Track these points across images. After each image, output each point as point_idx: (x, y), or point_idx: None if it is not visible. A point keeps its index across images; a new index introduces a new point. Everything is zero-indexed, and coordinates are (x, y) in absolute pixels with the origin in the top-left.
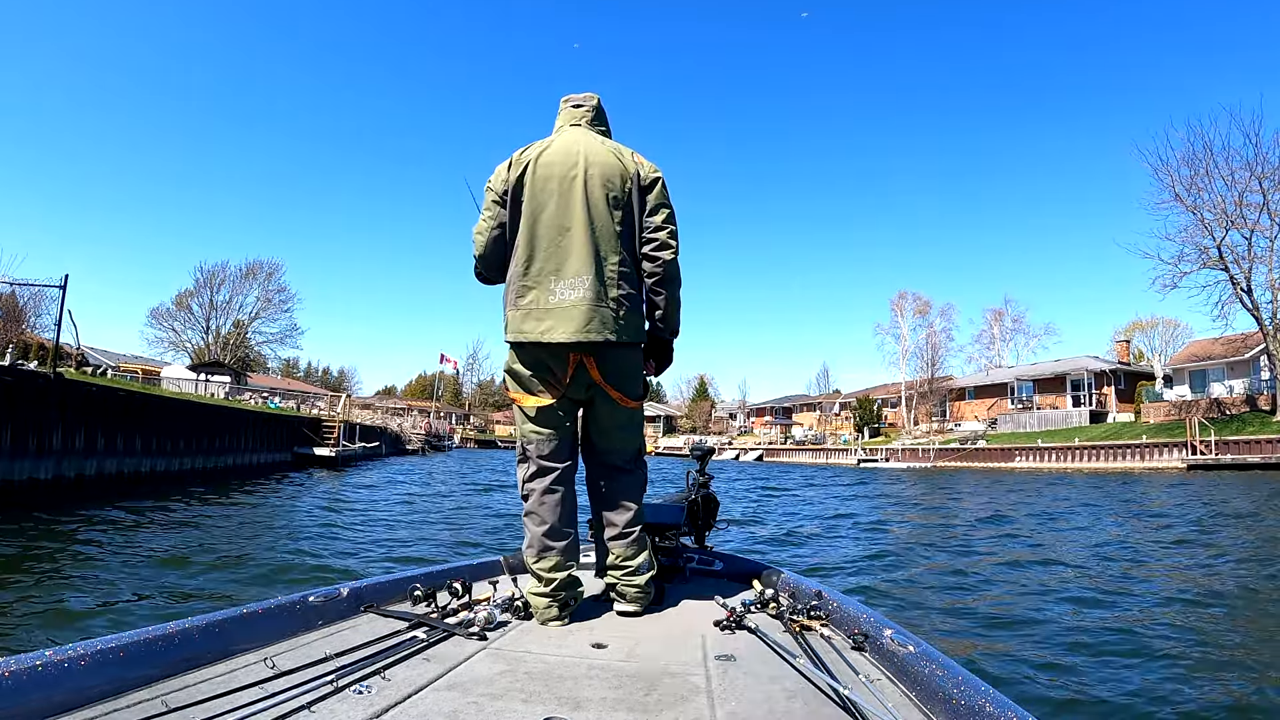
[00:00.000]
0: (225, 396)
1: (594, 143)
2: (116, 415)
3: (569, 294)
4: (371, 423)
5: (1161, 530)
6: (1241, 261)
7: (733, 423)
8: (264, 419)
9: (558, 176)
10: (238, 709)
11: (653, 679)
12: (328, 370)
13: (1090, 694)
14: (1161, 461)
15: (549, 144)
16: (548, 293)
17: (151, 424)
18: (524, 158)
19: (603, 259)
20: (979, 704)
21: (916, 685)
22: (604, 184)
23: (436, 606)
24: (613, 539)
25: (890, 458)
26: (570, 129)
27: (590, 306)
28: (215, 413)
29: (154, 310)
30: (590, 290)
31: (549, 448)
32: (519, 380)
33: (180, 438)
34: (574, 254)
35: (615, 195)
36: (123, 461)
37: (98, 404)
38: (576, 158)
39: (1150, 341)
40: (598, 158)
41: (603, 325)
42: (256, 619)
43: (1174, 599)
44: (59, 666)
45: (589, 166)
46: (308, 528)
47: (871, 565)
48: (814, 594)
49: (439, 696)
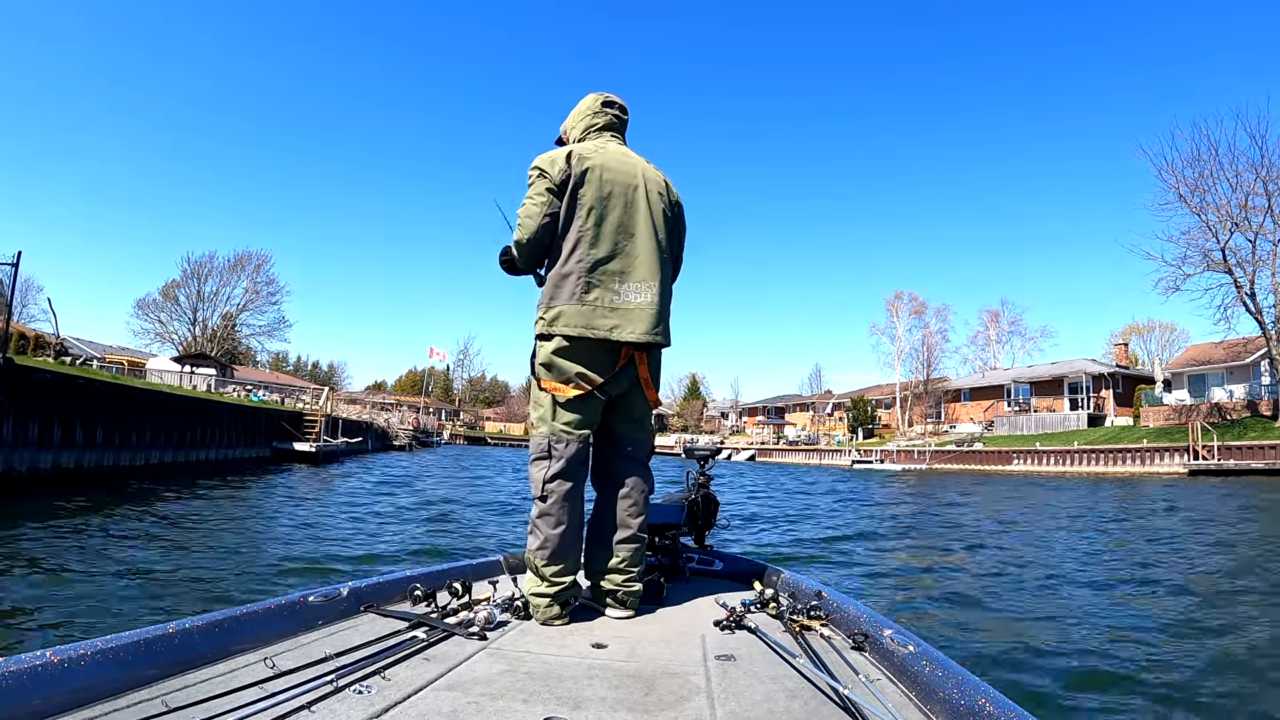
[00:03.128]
0: (207, 389)
1: (643, 160)
2: (76, 405)
3: (636, 297)
4: (358, 417)
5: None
6: (1245, 265)
7: (724, 422)
8: (239, 412)
9: (621, 184)
10: (238, 709)
11: (653, 679)
12: (317, 364)
13: (1091, 693)
14: (1162, 466)
15: (606, 150)
16: (612, 293)
17: (115, 415)
18: (587, 157)
19: (662, 267)
20: (979, 704)
21: (916, 685)
22: (660, 200)
23: (436, 606)
24: (622, 542)
25: (885, 459)
26: (616, 142)
27: (656, 311)
28: (188, 405)
29: (140, 301)
30: (655, 295)
31: (576, 447)
32: (558, 373)
33: (148, 430)
34: (640, 260)
35: (666, 213)
36: (82, 455)
37: (55, 393)
38: (635, 171)
39: (1146, 345)
40: (652, 175)
41: (659, 328)
42: (256, 619)
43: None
44: (59, 666)
45: (647, 182)
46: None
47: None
48: (814, 594)
49: (439, 696)
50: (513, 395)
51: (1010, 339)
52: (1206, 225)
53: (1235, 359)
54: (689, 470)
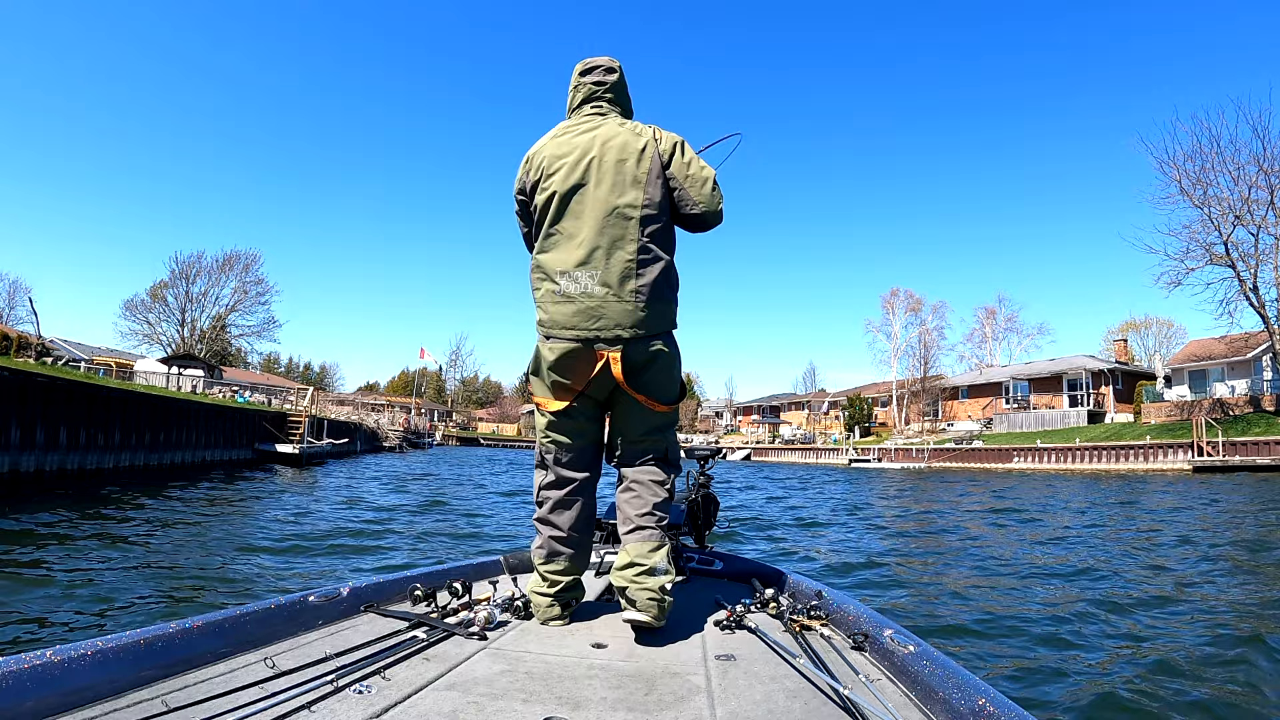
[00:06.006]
0: (193, 390)
1: (611, 124)
2: (37, 404)
3: (577, 286)
4: (346, 418)
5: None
6: (1248, 259)
7: (719, 422)
8: (218, 412)
9: (570, 163)
10: (238, 709)
11: (653, 679)
12: (309, 366)
13: (1093, 694)
14: (1166, 463)
15: (558, 132)
16: (559, 286)
17: (81, 415)
18: (537, 153)
19: (617, 242)
20: (979, 704)
21: (916, 685)
22: (620, 162)
23: (437, 606)
24: (628, 533)
25: (883, 458)
26: (590, 116)
27: (605, 298)
28: (163, 405)
29: (128, 302)
30: (603, 280)
31: (567, 456)
32: (541, 382)
33: (117, 431)
34: (583, 243)
35: (630, 172)
36: (43, 457)
37: (13, 391)
38: (591, 143)
39: (1144, 341)
40: (614, 138)
41: (623, 318)
42: (256, 619)
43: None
44: (59, 666)
45: (605, 150)
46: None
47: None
48: (814, 594)
49: (439, 696)
50: (505, 395)
51: (1007, 336)
52: (1208, 218)
53: (1236, 354)
54: (689, 470)
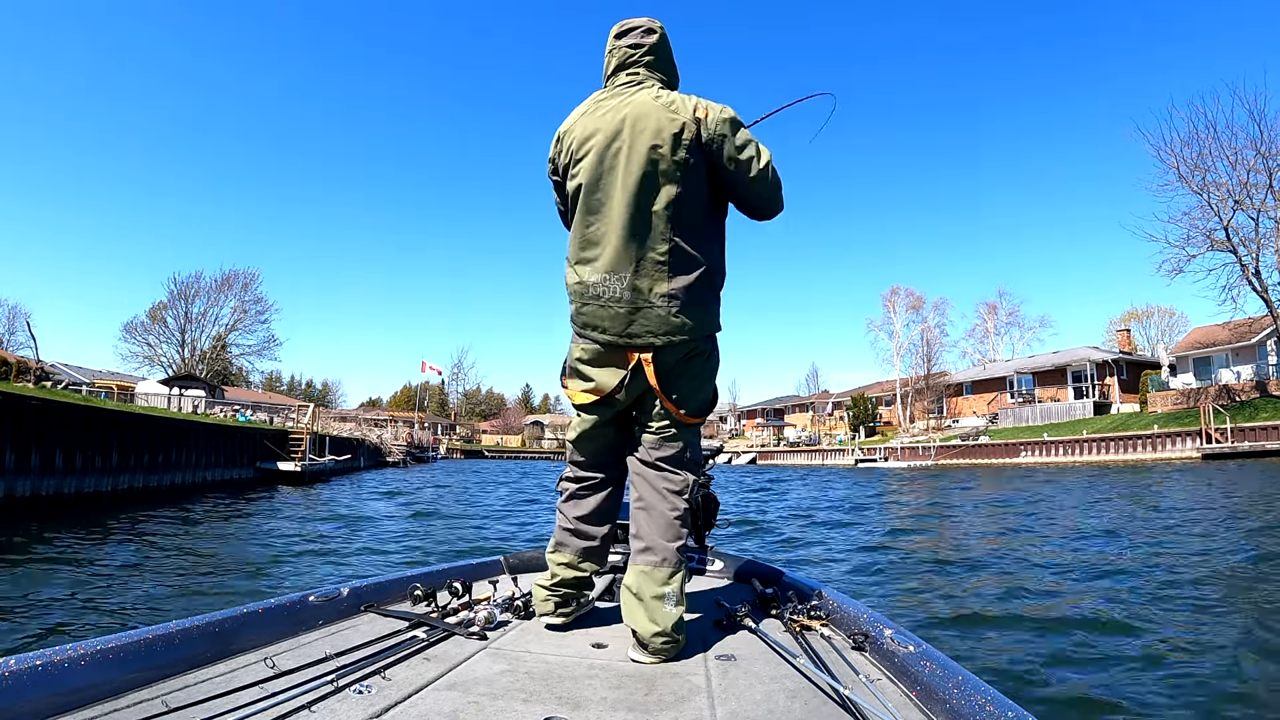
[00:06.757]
0: (194, 410)
1: (645, 97)
2: (31, 427)
3: (606, 290)
4: (349, 434)
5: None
6: (1249, 243)
7: (723, 426)
8: (218, 431)
9: (600, 147)
10: (238, 709)
11: (653, 679)
12: (311, 384)
13: (1093, 695)
14: (1174, 452)
15: (588, 107)
16: (589, 286)
17: (77, 437)
18: (566, 131)
19: (645, 242)
20: (979, 704)
21: (917, 685)
22: (650, 149)
23: (437, 606)
24: (640, 552)
25: (890, 457)
26: (618, 84)
27: (634, 301)
28: (161, 425)
29: (127, 324)
30: (632, 283)
31: (587, 448)
32: (572, 373)
33: (114, 453)
34: (610, 243)
35: (658, 163)
36: (39, 482)
37: (6, 415)
38: (621, 123)
39: (1146, 331)
40: (646, 118)
41: (656, 322)
42: (256, 619)
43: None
44: (59, 666)
45: (636, 132)
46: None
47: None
48: (814, 594)
49: (439, 696)
50: (508, 407)
51: (1009, 330)
52: (1208, 204)
53: (1241, 340)
54: None
